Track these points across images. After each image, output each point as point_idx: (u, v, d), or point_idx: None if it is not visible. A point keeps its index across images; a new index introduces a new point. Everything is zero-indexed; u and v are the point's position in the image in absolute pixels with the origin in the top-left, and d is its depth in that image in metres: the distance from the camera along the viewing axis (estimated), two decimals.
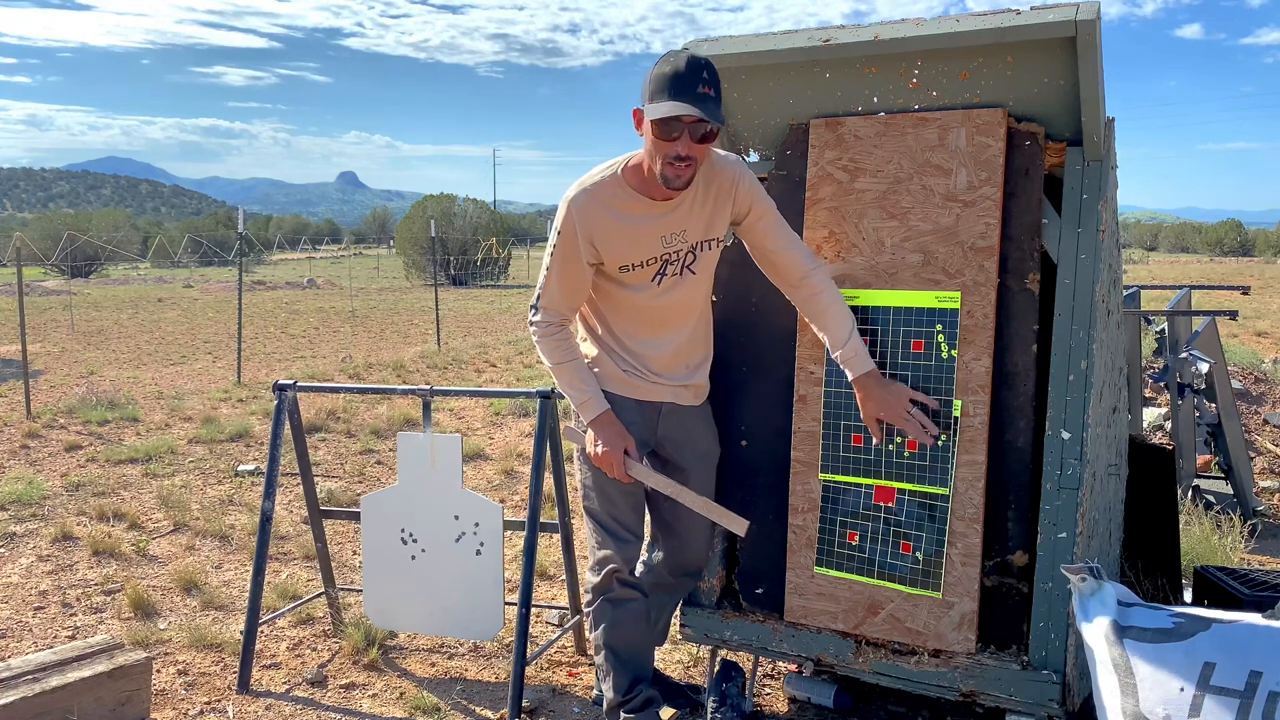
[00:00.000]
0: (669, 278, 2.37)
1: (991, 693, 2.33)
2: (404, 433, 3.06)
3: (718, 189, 2.35)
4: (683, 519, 2.55)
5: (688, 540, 2.60)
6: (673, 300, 2.40)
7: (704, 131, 2.15)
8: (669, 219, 2.32)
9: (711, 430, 2.60)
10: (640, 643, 2.54)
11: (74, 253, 32.88)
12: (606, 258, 2.33)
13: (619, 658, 2.50)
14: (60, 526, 4.60)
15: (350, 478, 5.79)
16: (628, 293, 2.37)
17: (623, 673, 2.50)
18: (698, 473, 2.55)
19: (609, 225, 2.29)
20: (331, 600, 3.51)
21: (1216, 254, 58.76)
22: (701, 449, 2.57)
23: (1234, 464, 4.79)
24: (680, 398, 2.50)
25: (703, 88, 2.11)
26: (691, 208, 2.33)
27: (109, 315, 18.08)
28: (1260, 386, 7.39)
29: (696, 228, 2.35)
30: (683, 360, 2.47)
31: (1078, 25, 2.12)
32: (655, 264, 2.34)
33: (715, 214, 2.37)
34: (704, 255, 2.40)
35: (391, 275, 34.46)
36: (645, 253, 2.33)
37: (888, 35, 2.36)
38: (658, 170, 2.19)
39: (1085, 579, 1.93)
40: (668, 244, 2.33)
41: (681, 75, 2.11)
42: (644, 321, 2.41)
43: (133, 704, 2.72)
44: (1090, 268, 2.29)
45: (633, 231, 2.30)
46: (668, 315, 2.42)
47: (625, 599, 2.48)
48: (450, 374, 10.22)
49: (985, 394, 2.34)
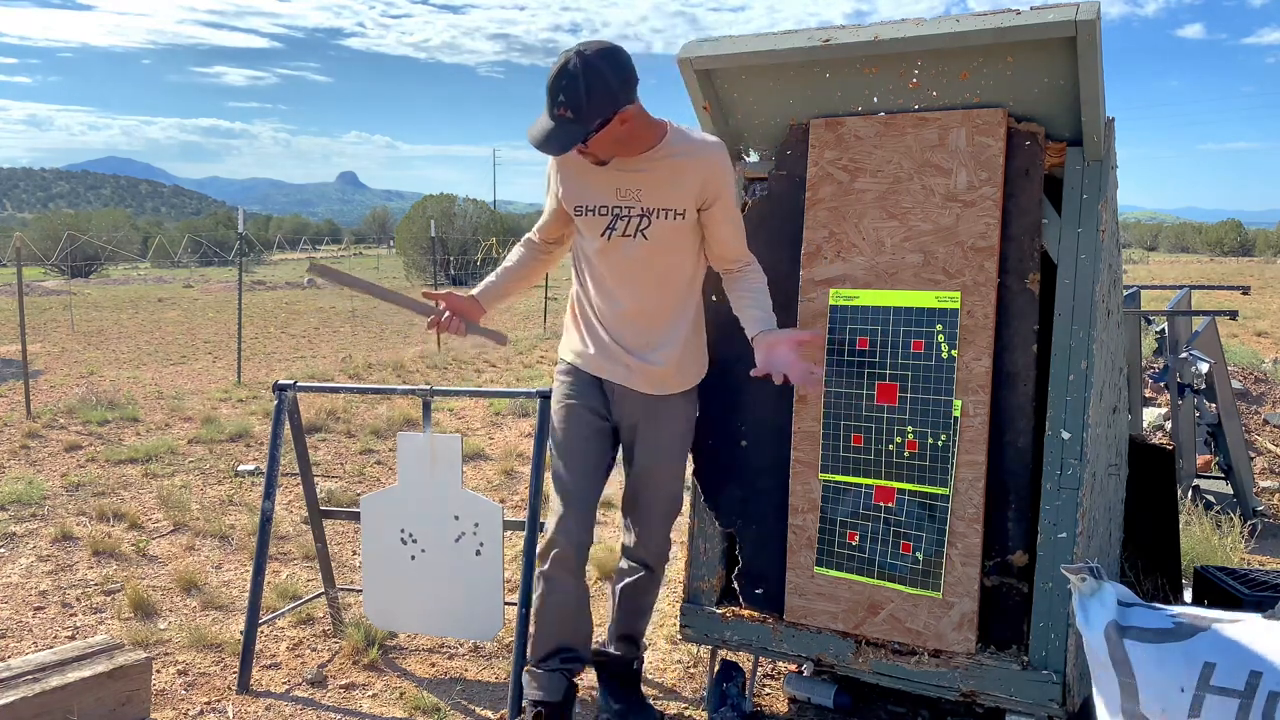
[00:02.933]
0: (618, 235, 2.41)
1: (991, 693, 2.33)
2: (404, 433, 3.06)
3: (689, 164, 2.37)
4: (641, 511, 2.62)
5: (638, 526, 2.64)
6: (623, 260, 2.43)
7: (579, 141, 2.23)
8: (625, 174, 2.39)
9: (677, 429, 2.58)
10: (562, 623, 2.58)
11: (74, 253, 32.87)
12: (564, 196, 2.47)
13: (542, 627, 2.59)
14: (60, 526, 4.60)
15: (350, 478, 5.79)
16: (585, 242, 2.50)
17: (542, 640, 2.59)
18: (650, 471, 2.57)
19: (571, 164, 2.43)
20: (331, 600, 3.50)
21: (1216, 254, 58.74)
22: (659, 445, 2.56)
23: (1234, 464, 4.79)
24: (633, 380, 2.49)
25: (559, 110, 2.18)
26: (651, 169, 2.37)
27: (109, 315, 18.08)
28: (1260, 386, 7.39)
29: (653, 192, 2.38)
30: (639, 332, 2.48)
31: (1078, 25, 2.12)
32: (606, 216, 2.42)
33: (679, 186, 2.37)
34: (660, 225, 2.40)
35: (392, 275, 34.45)
36: (596, 198, 2.42)
37: (888, 35, 2.36)
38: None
39: (1085, 579, 1.93)
40: (620, 197, 2.40)
41: (548, 91, 2.20)
42: (597, 277, 2.49)
43: (133, 704, 2.71)
44: (1090, 268, 2.29)
45: (589, 174, 2.41)
46: (618, 275, 2.45)
47: (558, 580, 2.52)
48: (450, 374, 10.22)
49: (985, 394, 2.34)
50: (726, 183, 2.41)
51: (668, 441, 2.58)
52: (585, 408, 2.54)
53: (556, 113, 2.18)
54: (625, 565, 2.72)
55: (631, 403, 2.54)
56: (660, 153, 2.36)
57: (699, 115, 2.68)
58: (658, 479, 2.59)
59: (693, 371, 2.58)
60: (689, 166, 2.36)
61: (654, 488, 2.60)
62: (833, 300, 2.51)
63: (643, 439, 2.56)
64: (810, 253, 2.55)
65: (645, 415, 2.55)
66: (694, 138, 2.41)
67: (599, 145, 2.27)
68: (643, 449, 2.57)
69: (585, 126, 2.20)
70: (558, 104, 2.17)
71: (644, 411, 2.54)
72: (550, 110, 2.20)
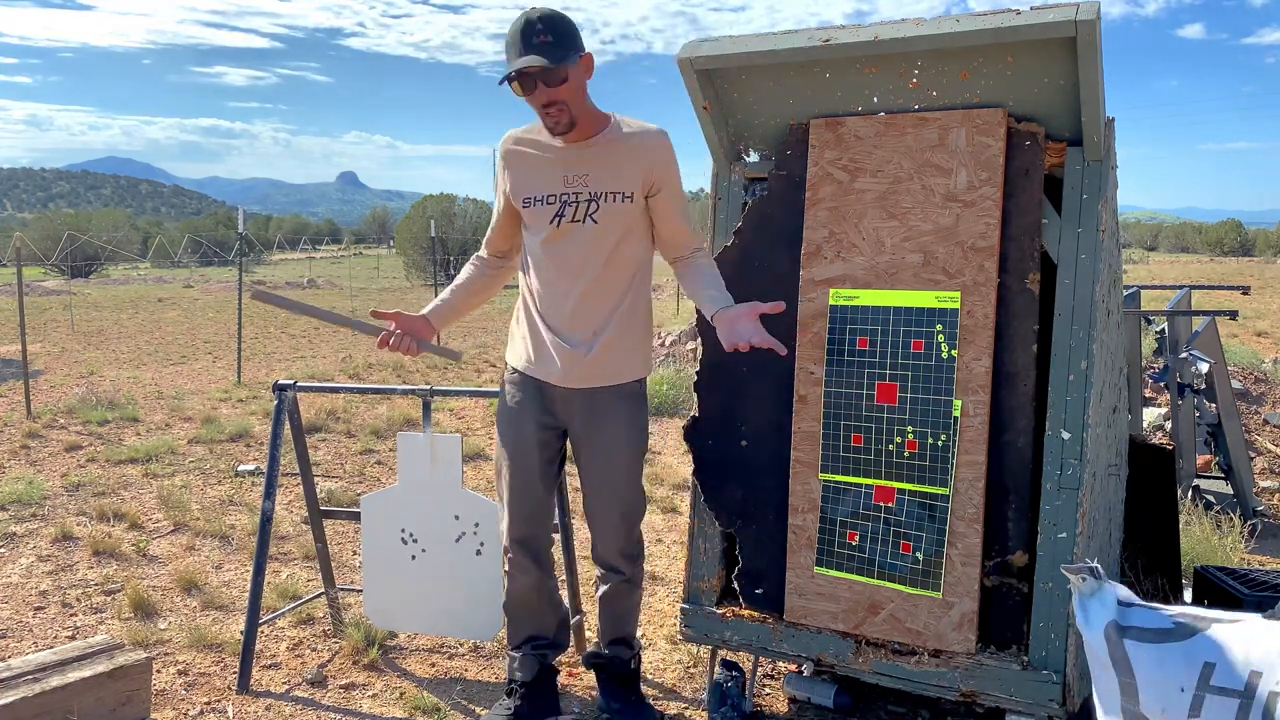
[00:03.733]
0: (567, 220, 2.45)
1: (991, 693, 2.33)
2: (404, 433, 3.06)
3: (633, 147, 2.45)
4: (598, 517, 2.65)
5: (597, 533, 2.68)
6: (571, 246, 2.46)
7: (558, 78, 2.29)
8: (572, 158, 2.44)
9: (621, 429, 2.56)
10: (527, 613, 2.71)
11: (74, 253, 32.87)
12: (514, 190, 2.51)
13: (511, 618, 2.75)
14: (60, 526, 4.60)
15: (350, 478, 5.79)
16: (532, 236, 2.53)
17: (513, 630, 2.75)
18: (600, 474, 2.57)
19: (520, 157, 2.51)
20: (331, 600, 3.51)
21: (1216, 254, 58.73)
22: (606, 447, 2.55)
23: (1234, 464, 4.79)
24: (571, 376, 2.49)
25: (539, 39, 2.26)
26: (597, 152, 2.43)
27: (109, 315, 18.08)
28: (1260, 386, 7.39)
29: (601, 175, 2.44)
30: (584, 320, 2.49)
31: (1078, 25, 2.12)
32: (555, 204, 2.45)
33: (625, 168, 2.44)
34: (608, 208, 2.44)
35: (392, 275, 34.47)
36: (545, 188, 2.46)
37: (888, 35, 2.36)
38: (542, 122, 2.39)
39: (1085, 579, 1.93)
40: (568, 184, 2.44)
41: (520, 33, 2.28)
42: (546, 266, 2.50)
43: (133, 704, 2.71)
44: (1090, 268, 2.29)
45: (537, 163, 2.47)
46: (566, 262, 2.48)
47: (515, 577, 2.66)
48: (450, 374, 10.23)
49: (985, 394, 2.34)
50: (671, 168, 2.48)
51: (613, 442, 2.55)
52: (528, 416, 2.57)
53: (537, 40, 2.26)
54: (599, 572, 2.73)
55: (573, 403, 2.54)
56: (606, 137, 2.44)
57: (699, 115, 2.68)
58: (609, 482, 2.58)
59: (634, 364, 2.56)
60: (634, 150, 2.45)
61: (606, 492, 2.59)
62: (833, 300, 2.51)
63: (589, 441, 2.56)
64: (810, 253, 2.55)
65: (589, 416, 2.54)
66: (638, 125, 2.49)
67: (569, 90, 2.32)
68: (589, 452, 2.57)
69: (566, 50, 2.28)
70: (536, 33, 2.26)
71: (588, 411, 2.53)
72: (528, 42, 2.26)
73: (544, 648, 2.74)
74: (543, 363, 2.54)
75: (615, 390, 2.54)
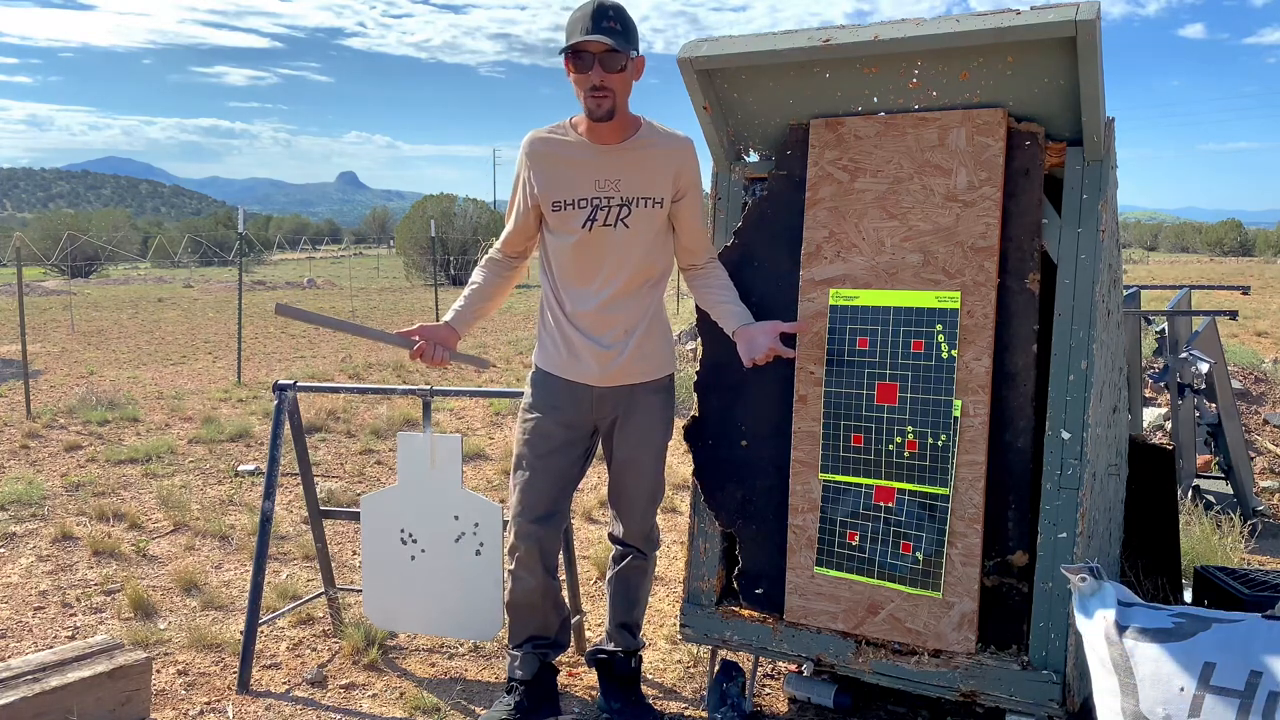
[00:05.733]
0: (599, 225, 2.47)
1: (991, 693, 2.33)
2: (404, 433, 3.06)
3: (664, 153, 2.49)
4: (625, 501, 2.70)
5: (623, 514, 2.72)
6: (603, 250, 2.49)
7: (617, 65, 2.34)
8: (604, 163, 2.46)
9: (656, 419, 2.64)
10: (530, 613, 2.71)
11: (74, 253, 32.87)
12: (541, 194, 2.49)
13: (513, 617, 2.74)
14: (60, 526, 4.60)
15: (350, 478, 5.79)
16: (561, 241, 2.52)
17: (515, 629, 2.75)
18: (632, 461, 2.64)
19: (548, 160, 2.50)
20: (331, 600, 3.51)
21: (1216, 254, 58.72)
22: (640, 436, 2.62)
23: (1234, 464, 4.79)
24: (608, 377, 2.55)
25: (608, 23, 2.33)
26: (629, 158, 2.46)
27: (109, 315, 18.08)
28: (1260, 386, 7.39)
29: (632, 180, 2.47)
30: (616, 321, 2.53)
31: (1078, 25, 2.12)
32: (586, 207, 2.47)
33: (655, 174, 2.48)
34: (640, 213, 2.48)
35: (391, 275, 34.45)
36: (577, 191, 2.47)
37: (888, 35, 2.36)
38: (582, 105, 2.40)
39: (1085, 579, 1.93)
40: (600, 188, 2.46)
41: (591, 15, 2.33)
42: (575, 269, 2.52)
43: (133, 704, 2.71)
44: (1090, 268, 2.29)
45: (568, 166, 2.48)
46: (596, 266, 2.50)
47: (521, 577, 2.66)
48: (450, 374, 10.22)
49: (985, 394, 2.34)
50: (697, 176, 2.53)
51: (647, 432, 2.63)
52: (552, 420, 2.59)
53: (606, 24, 2.33)
54: (616, 552, 2.79)
55: (609, 401, 2.59)
56: (639, 141, 2.49)
57: (699, 115, 2.68)
58: (640, 468, 2.66)
59: (665, 358, 2.66)
60: (664, 156, 2.49)
61: (636, 476, 2.67)
62: (833, 300, 2.51)
63: (623, 432, 2.63)
64: (810, 253, 2.55)
65: (624, 410, 2.61)
66: (667, 131, 2.53)
67: (620, 80, 2.37)
68: (623, 441, 2.63)
69: (629, 42, 2.36)
70: (607, 18, 2.33)
71: (623, 406, 2.60)
72: (598, 24, 2.32)
73: (545, 647, 2.75)
74: (577, 364, 2.56)
75: (648, 386, 2.62)
